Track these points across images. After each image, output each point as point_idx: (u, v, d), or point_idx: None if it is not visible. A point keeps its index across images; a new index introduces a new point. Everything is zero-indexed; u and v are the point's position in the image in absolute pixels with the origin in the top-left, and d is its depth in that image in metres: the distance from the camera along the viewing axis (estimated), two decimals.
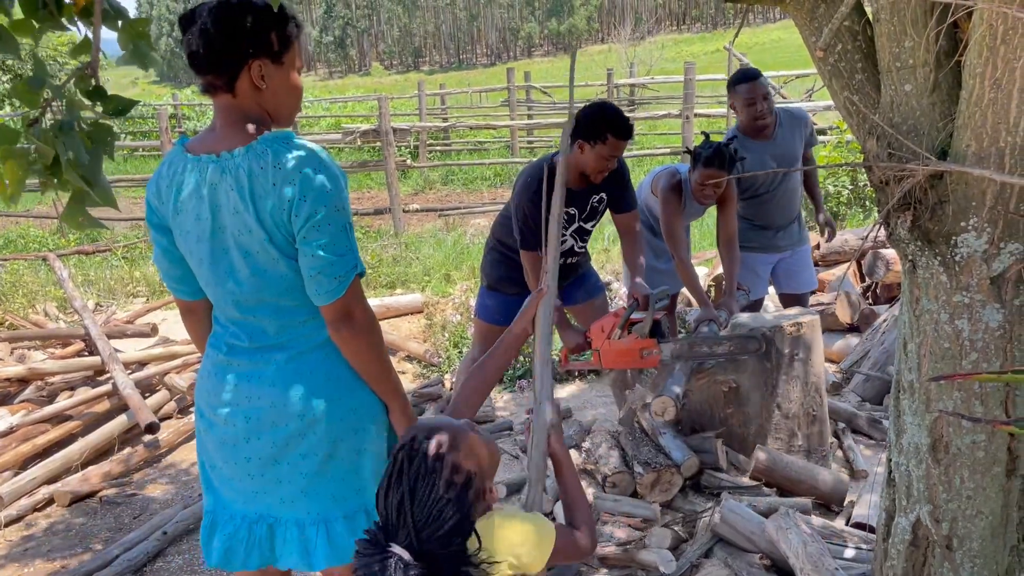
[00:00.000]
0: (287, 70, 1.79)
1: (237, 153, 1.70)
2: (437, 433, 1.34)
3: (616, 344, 3.06)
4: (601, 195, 3.35)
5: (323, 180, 1.69)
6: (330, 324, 1.79)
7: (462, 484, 1.30)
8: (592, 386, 4.77)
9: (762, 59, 25.16)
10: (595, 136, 3.07)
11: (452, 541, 1.28)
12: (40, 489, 3.76)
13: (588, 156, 3.12)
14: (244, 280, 1.76)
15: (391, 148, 9.36)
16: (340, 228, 1.72)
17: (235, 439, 1.85)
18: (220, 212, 1.72)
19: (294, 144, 1.71)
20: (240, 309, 1.82)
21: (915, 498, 1.90)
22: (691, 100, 8.90)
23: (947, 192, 1.64)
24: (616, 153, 3.12)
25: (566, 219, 3.31)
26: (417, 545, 1.26)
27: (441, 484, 1.29)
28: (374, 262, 7.66)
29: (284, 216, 1.68)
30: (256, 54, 1.72)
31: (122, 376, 4.57)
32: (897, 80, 1.68)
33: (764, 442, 3.25)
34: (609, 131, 3.05)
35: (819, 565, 2.28)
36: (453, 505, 1.28)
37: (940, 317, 1.76)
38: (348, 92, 39.36)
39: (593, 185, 3.27)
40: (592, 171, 3.17)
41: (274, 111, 1.80)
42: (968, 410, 1.77)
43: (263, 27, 1.71)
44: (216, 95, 1.75)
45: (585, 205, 3.33)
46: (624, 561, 2.71)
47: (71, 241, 9.52)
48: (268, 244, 1.71)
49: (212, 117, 1.80)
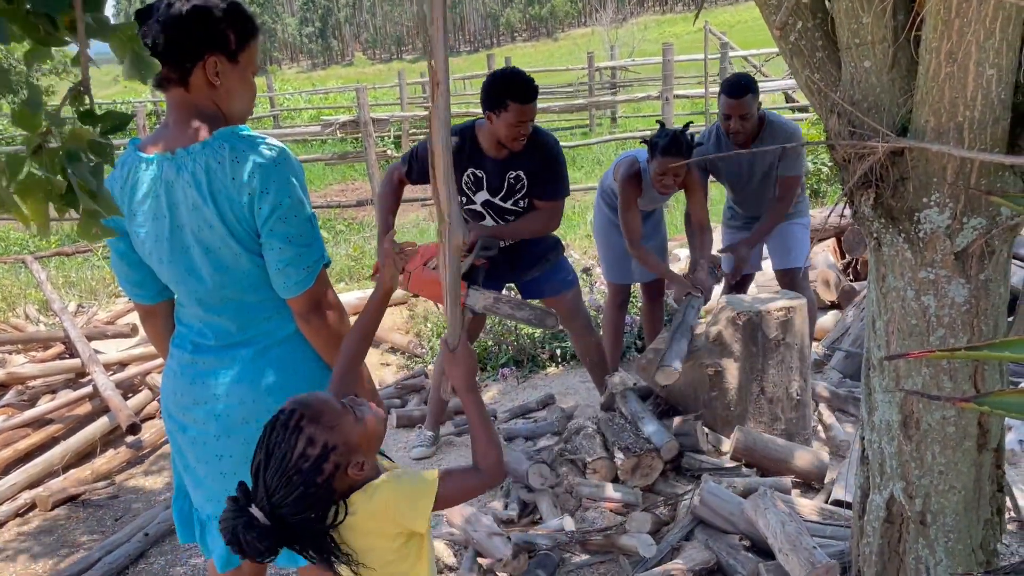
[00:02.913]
0: (242, 69, 1.77)
1: (193, 149, 1.68)
2: (303, 407, 1.38)
3: (429, 272, 2.98)
4: (518, 173, 3.27)
5: (284, 172, 1.68)
6: (300, 316, 1.78)
7: (316, 456, 1.34)
8: (575, 372, 4.77)
9: (744, 37, 25.09)
10: (498, 104, 3.06)
11: (302, 509, 1.34)
12: (22, 494, 3.73)
13: (498, 126, 3.11)
14: (207, 277, 1.74)
15: (371, 139, 9.30)
16: (305, 219, 1.72)
17: (206, 438, 1.85)
18: (178, 210, 1.70)
19: (252, 138, 1.70)
20: (204, 308, 1.80)
21: (888, 475, 1.91)
22: (670, 81, 8.85)
23: (908, 168, 1.63)
24: (523, 118, 3.08)
25: (471, 181, 3.28)
26: (269, 509, 1.32)
27: (293, 454, 1.33)
28: (357, 254, 7.63)
29: (245, 210, 1.67)
30: (212, 49, 1.70)
31: (102, 378, 4.54)
32: (856, 57, 1.66)
33: (746, 425, 3.25)
34: (508, 97, 3.04)
35: (797, 544, 2.28)
36: (303, 475, 1.33)
37: (906, 294, 1.75)
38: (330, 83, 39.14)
39: (512, 159, 3.23)
40: (506, 139, 3.14)
41: (227, 110, 1.78)
42: (937, 386, 1.77)
43: (220, 24, 1.69)
44: (169, 89, 1.73)
45: (499, 179, 3.27)
46: (605, 546, 2.71)
47: (51, 243, 9.45)
48: (230, 239, 1.69)
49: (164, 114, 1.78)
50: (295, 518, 1.34)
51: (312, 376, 1.85)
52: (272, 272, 1.73)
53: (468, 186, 3.30)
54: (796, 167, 3.73)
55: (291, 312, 1.81)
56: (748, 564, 2.46)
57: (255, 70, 1.82)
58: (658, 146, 3.44)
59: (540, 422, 3.96)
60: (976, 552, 1.87)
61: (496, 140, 3.19)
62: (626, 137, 12.05)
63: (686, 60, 15.48)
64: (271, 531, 1.32)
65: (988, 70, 1.47)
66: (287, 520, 1.34)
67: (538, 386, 4.67)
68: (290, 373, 1.83)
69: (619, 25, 45.40)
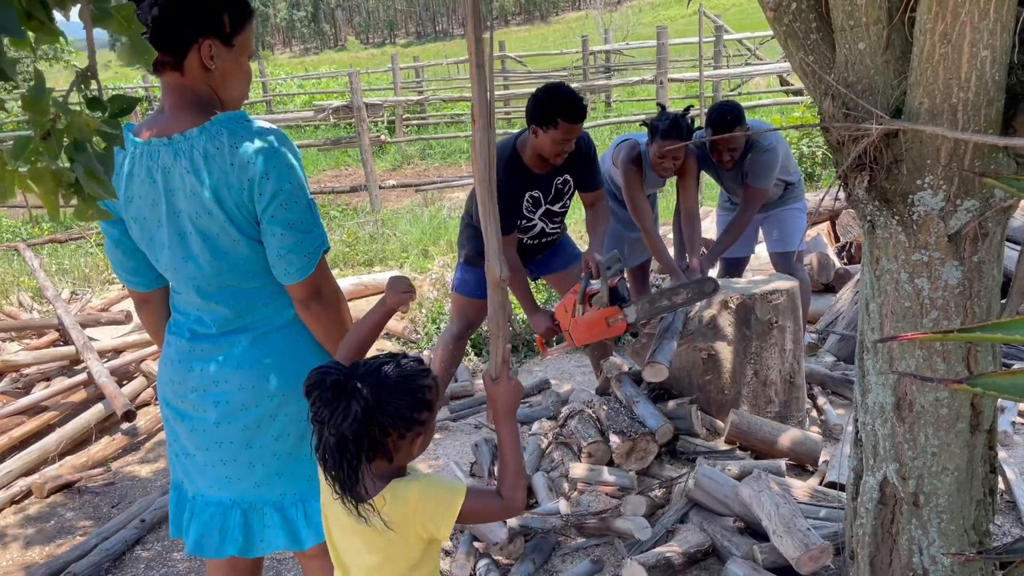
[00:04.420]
0: (237, 54, 1.76)
1: (190, 134, 1.67)
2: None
3: (581, 320, 3.06)
4: (565, 176, 3.33)
5: (284, 158, 1.67)
6: (299, 302, 1.78)
7: (420, 401, 1.47)
8: (570, 356, 4.78)
9: (738, 20, 25.02)
10: (546, 122, 3.05)
11: (384, 427, 1.43)
12: (17, 481, 3.73)
13: (543, 140, 3.10)
14: (204, 264, 1.74)
15: (364, 124, 9.27)
16: (305, 205, 1.72)
17: (205, 425, 1.85)
18: (175, 196, 1.69)
19: (250, 124, 1.69)
20: (201, 295, 1.80)
21: (881, 457, 1.91)
22: (664, 65, 8.82)
23: (902, 151, 1.63)
24: (569, 137, 3.09)
25: (531, 203, 3.31)
26: (363, 407, 1.42)
27: (412, 383, 1.46)
28: (351, 240, 7.61)
29: (245, 196, 1.66)
30: (206, 33, 1.68)
31: (97, 365, 4.53)
32: (851, 39, 1.65)
33: (740, 408, 3.26)
34: (559, 116, 3.03)
35: (791, 526, 2.30)
36: (409, 400, 1.45)
37: (900, 276, 1.75)
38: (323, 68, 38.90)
39: (556, 167, 3.25)
40: (549, 155, 3.15)
41: (222, 94, 1.77)
42: (931, 368, 1.78)
43: (215, 7, 1.68)
44: (164, 73, 1.71)
45: (549, 188, 3.32)
46: (600, 529, 2.72)
47: (44, 230, 9.40)
48: (228, 225, 1.68)
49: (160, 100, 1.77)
50: (371, 429, 1.42)
51: (310, 362, 1.84)
52: (272, 258, 1.73)
53: (528, 209, 3.32)
54: (764, 180, 3.71)
55: (288, 298, 1.81)
56: (743, 546, 2.47)
57: (250, 54, 1.81)
58: (659, 129, 3.44)
59: (535, 407, 3.98)
60: (968, 533, 1.88)
61: (539, 155, 3.19)
62: (621, 121, 12.02)
63: (680, 43, 15.42)
64: (362, 422, 1.40)
65: (982, 51, 1.46)
66: (368, 428, 1.41)
67: (533, 371, 4.68)
68: (288, 359, 1.83)
69: (613, 8, 45.19)
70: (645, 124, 3.59)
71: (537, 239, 3.45)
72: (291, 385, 1.82)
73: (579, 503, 2.84)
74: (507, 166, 3.19)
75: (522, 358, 4.88)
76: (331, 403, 1.41)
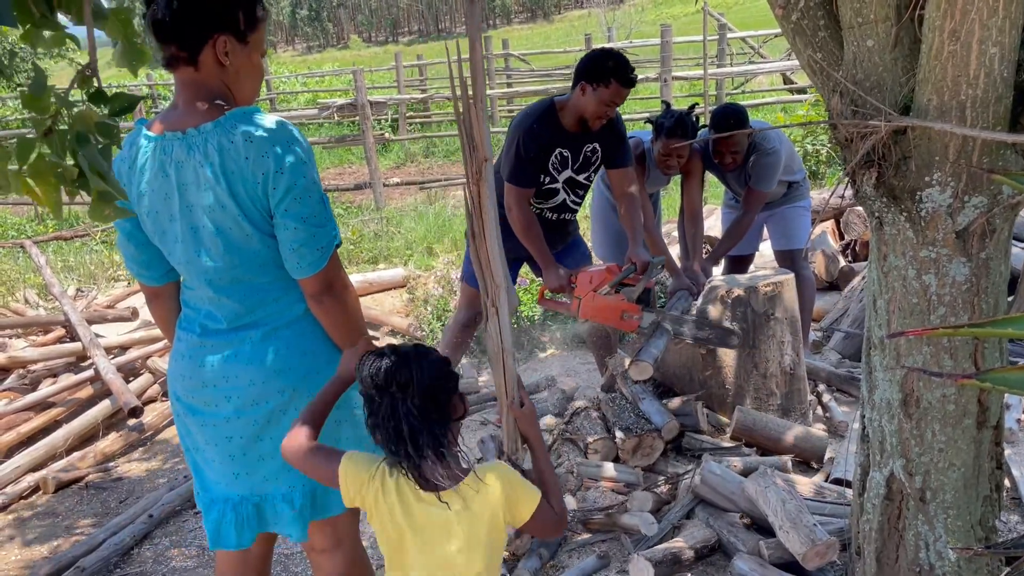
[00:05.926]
0: (251, 51, 1.77)
1: (204, 129, 1.67)
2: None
3: (600, 299, 3.04)
4: (595, 145, 3.30)
5: (298, 152, 1.69)
6: (311, 296, 1.79)
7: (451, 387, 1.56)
8: (575, 354, 4.78)
9: (742, 18, 24.99)
10: (599, 79, 3.03)
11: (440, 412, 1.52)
12: (25, 477, 3.75)
13: (589, 99, 3.08)
14: (217, 257, 1.74)
15: (368, 122, 9.27)
16: (318, 199, 1.73)
17: (215, 420, 1.85)
18: (188, 190, 1.70)
19: (264, 118, 1.70)
20: (213, 288, 1.80)
21: (888, 453, 1.92)
22: (668, 63, 8.83)
23: (910, 147, 1.64)
24: (617, 100, 3.08)
25: (558, 161, 3.27)
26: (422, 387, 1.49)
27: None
28: (355, 238, 7.62)
29: (259, 190, 1.67)
30: (222, 29, 1.70)
31: (103, 361, 4.55)
32: (859, 36, 1.66)
33: (743, 402, 3.27)
34: (613, 76, 3.02)
35: (798, 521, 2.30)
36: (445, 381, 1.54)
37: (907, 273, 1.76)
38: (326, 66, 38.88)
39: (588, 133, 3.23)
40: (591, 116, 3.12)
41: (235, 90, 1.78)
42: (938, 364, 1.79)
43: (231, 4, 1.70)
44: (178, 68, 1.72)
45: (579, 153, 3.28)
46: (607, 525, 2.73)
47: (49, 227, 9.43)
48: (242, 219, 1.69)
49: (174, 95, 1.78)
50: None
51: (321, 357, 1.86)
52: (285, 252, 1.74)
53: (555, 166, 3.29)
54: (766, 183, 3.72)
55: (299, 293, 1.82)
56: (749, 542, 2.48)
57: (263, 52, 1.82)
58: (664, 127, 3.44)
59: (541, 403, 3.98)
60: (975, 528, 1.89)
61: (579, 116, 3.17)
62: (625, 119, 12.00)
63: (684, 41, 15.42)
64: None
65: (991, 48, 1.47)
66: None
67: (539, 368, 4.69)
68: (299, 354, 1.84)
69: (616, 6, 45.15)
70: (650, 122, 3.59)
71: (557, 213, 3.41)
72: (301, 380, 1.83)
73: (585, 499, 2.85)
74: (542, 118, 3.17)
75: (528, 355, 4.89)
76: (408, 363, 1.48)
